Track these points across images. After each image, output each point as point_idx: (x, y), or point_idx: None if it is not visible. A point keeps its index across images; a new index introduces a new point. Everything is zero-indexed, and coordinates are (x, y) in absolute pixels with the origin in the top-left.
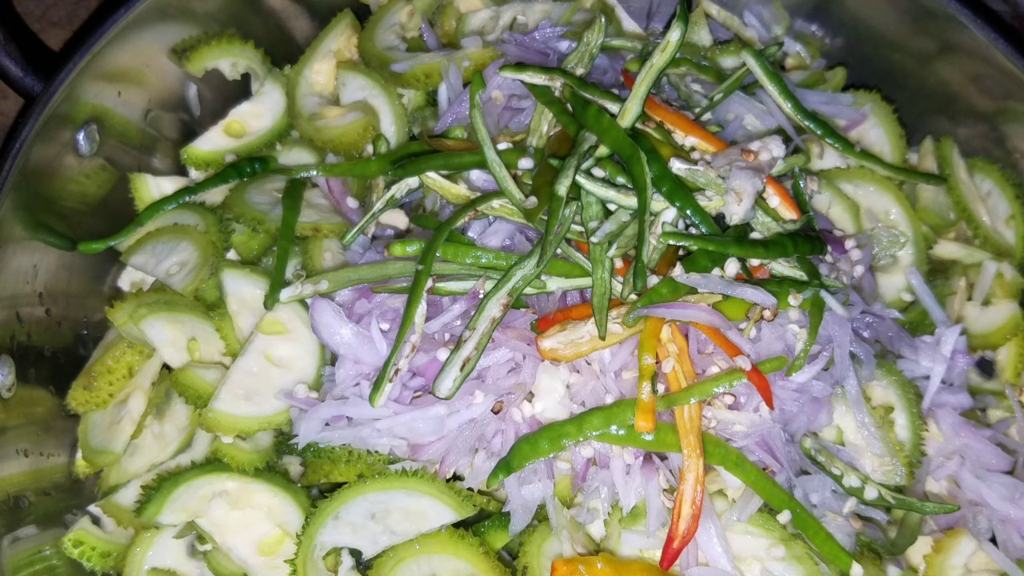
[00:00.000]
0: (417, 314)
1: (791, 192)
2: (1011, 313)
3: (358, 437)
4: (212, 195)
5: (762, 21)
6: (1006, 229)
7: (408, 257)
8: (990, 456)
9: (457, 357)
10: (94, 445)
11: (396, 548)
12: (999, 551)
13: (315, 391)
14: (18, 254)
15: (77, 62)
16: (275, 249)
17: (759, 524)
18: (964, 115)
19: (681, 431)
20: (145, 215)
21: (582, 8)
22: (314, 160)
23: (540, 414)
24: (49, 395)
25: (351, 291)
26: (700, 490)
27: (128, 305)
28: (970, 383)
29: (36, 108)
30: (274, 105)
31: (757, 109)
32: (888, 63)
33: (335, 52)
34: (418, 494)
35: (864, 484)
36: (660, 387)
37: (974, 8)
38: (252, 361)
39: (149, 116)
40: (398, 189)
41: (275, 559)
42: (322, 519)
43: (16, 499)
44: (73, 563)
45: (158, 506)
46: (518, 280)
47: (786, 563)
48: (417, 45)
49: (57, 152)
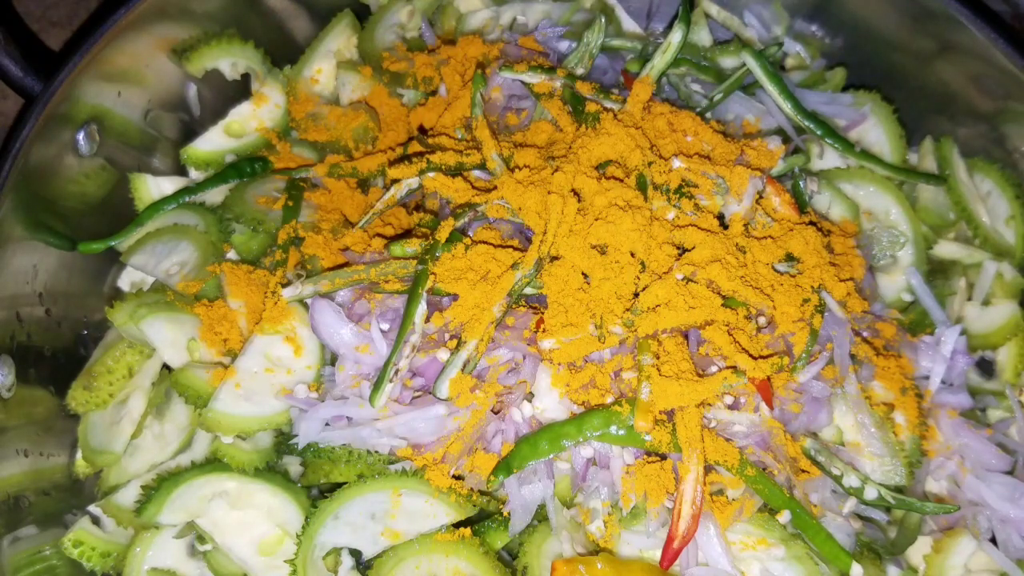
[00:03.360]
0: (417, 314)
1: (791, 192)
2: (1011, 313)
3: (358, 437)
4: (212, 195)
5: (762, 21)
6: (1006, 229)
7: (408, 257)
8: (990, 456)
9: (457, 357)
10: (94, 445)
11: (396, 548)
12: (999, 551)
13: (315, 391)
14: (18, 254)
15: (77, 62)
16: (275, 249)
17: (759, 524)
18: (964, 115)
19: (681, 431)
20: (145, 215)
21: (582, 8)
22: (314, 160)
23: (540, 414)
24: (49, 395)
25: (351, 291)
26: (700, 490)
27: (128, 305)
28: (970, 383)
29: (36, 108)
30: (274, 105)
31: (757, 109)
32: (888, 63)
33: (335, 52)
34: (418, 494)
35: (864, 484)
36: (660, 387)
37: (974, 8)
38: (252, 361)
39: (149, 116)
40: (398, 189)
41: (275, 559)
42: (322, 519)
43: (16, 499)
44: (73, 563)
45: (158, 506)
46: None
47: (786, 563)
48: (417, 45)
49: (57, 152)
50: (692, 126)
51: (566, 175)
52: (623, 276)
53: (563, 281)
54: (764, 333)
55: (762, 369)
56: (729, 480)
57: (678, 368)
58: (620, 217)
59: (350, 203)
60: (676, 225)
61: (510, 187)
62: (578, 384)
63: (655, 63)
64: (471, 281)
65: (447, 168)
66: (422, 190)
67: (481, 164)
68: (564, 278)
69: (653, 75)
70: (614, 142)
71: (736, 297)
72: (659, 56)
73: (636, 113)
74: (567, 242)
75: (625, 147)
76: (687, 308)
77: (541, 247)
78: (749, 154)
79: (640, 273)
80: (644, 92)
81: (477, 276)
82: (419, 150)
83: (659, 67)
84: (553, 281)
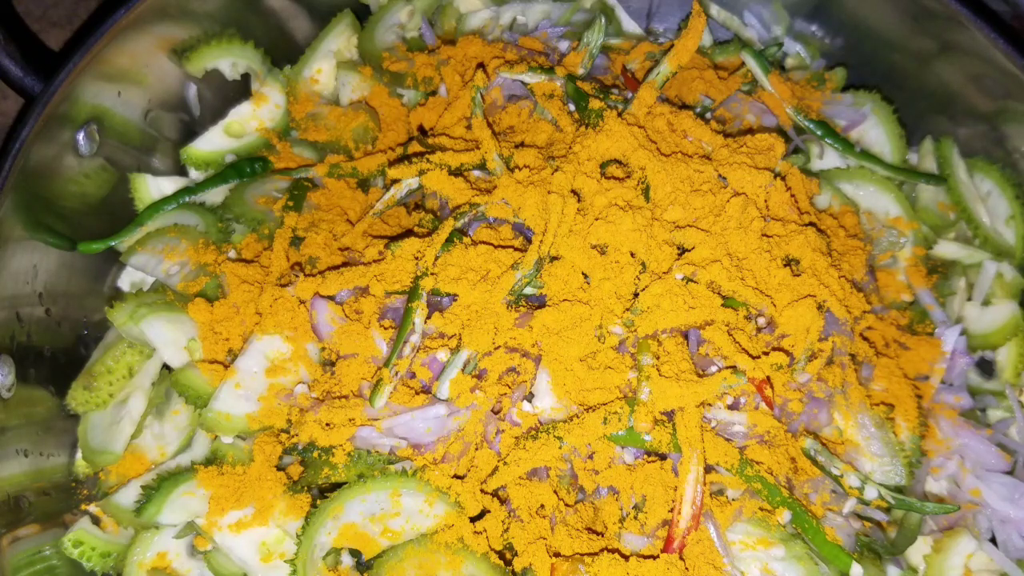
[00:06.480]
0: (417, 314)
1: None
2: (1011, 313)
3: (358, 437)
4: (212, 195)
5: (762, 21)
6: (1006, 229)
7: (408, 257)
8: (990, 456)
9: (457, 357)
10: (94, 445)
11: (396, 548)
12: (999, 551)
13: (315, 391)
14: (18, 254)
15: (77, 62)
16: (274, 249)
17: (759, 524)
18: (964, 115)
19: (681, 431)
20: (145, 215)
21: (582, 8)
22: (314, 160)
23: (540, 414)
24: (49, 395)
25: (351, 291)
26: (700, 490)
27: (128, 305)
28: (970, 383)
29: (36, 108)
30: (274, 105)
31: (757, 109)
32: (888, 63)
33: (335, 52)
34: (418, 494)
35: (864, 484)
36: (660, 387)
37: (974, 8)
38: (252, 361)
39: (149, 116)
40: (398, 189)
41: (275, 559)
42: (322, 519)
43: (16, 499)
44: (73, 563)
45: (158, 506)
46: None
47: (786, 563)
48: (417, 45)
49: (57, 152)
50: (692, 126)
51: (566, 175)
52: (623, 276)
53: (563, 281)
54: (764, 333)
55: (762, 369)
56: (729, 480)
57: (678, 368)
58: (620, 217)
59: (350, 203)
60: (676, 225)
61: (510, 187)
62: (578, 384)
63: (662, 69)
64: (471, 281)
65: (447, 168)
66: (422, 190)
67: (481, 164)
68: (564, 278)
69: (659, 80)
70: (616, 140)
71: (736, 297)
72: (666, 63)
73: (640, 115)
74: (567, 242)
75: (628, 146)
76: (687, 308)
77: (541, 247)
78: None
79: (640, 273)
80: (650, 96)
81: (477, 276)
82: (419, 150)
83: (665, 72)
84: (553, 281)
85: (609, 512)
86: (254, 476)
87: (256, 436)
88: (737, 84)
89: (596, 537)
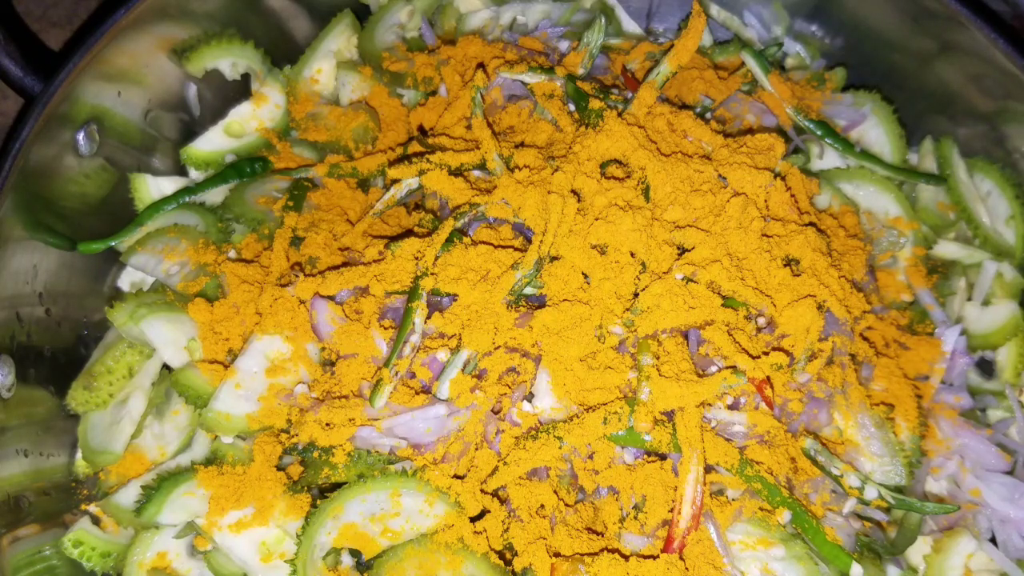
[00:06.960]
0: (417, 314)
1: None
2: (1011, 313)
3: (358, 437)
4: (212, 195)
5: (762, 21)
6: (1006, 229)
7: (408, 257)
8: (990, 456)
9: (457, 357)
10: (94, 445)
11: (396, 548)
12: (999, 551)
13: (315, 391)
14: (18, 254)
15: (77, 62)
16: (274, 249)
17: (759, 524)
18: (964, 115)
19: (681, 431)
20: (145, 215)
21: (582, 8)
22: (314, 160)
23: (540, 414)
24: (49, 395)
25: (351, 291)
26: (700, 490)
27: (128, 305)
28: (970, 383)
29: (36, 108)
30: (274, 105)
31: (757, 109)
32: (888, 63)
33: (335, 52)
34: (418, 494)
35: (864, 484)
36: (660, 387)
37: (974, 8)
38: (252, 361)
39: (149, 116)
40: (398, 189)
41: (275, 559)
42: (322, 519)
43: (16, 499)
44: (73, 563)
45: (158, 506)
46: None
47: (786, 563)
48: (417, 45)
49: (57, 152)
50: (692, 126)
51: (566, 175)
52: (623, 276)
53: (563, 281)
54: (764, 333)
55: (762, 369)
56: (729, 480)
57: (678, 368)
58: (620, 217)
59: (350, 203)
60: (676, 225)
61: (510, 187)
62: (578, 384)
63: (662, 69)
64: (471, 281)
65: (447, 168)
66: (422, 190)
67: (481, 164)
68: (564, 278)
69: (660, 80)
70: (616, 140)
71: (736, 297)
72: (666, 63)
73: (640, 115)
74: (567, 242)
75: (628, 146)
76: (687, 308)
77: (541, 247)
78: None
79: (640, 273)
80: (650, 96)
81: (477, 276)
82: (419, 150)
83: (665, 72)
84: (553, 281)
85: (609, 512)
86: (254, 476)
87: (256, 436)
88: (737, 84)
89: (596, 537)
